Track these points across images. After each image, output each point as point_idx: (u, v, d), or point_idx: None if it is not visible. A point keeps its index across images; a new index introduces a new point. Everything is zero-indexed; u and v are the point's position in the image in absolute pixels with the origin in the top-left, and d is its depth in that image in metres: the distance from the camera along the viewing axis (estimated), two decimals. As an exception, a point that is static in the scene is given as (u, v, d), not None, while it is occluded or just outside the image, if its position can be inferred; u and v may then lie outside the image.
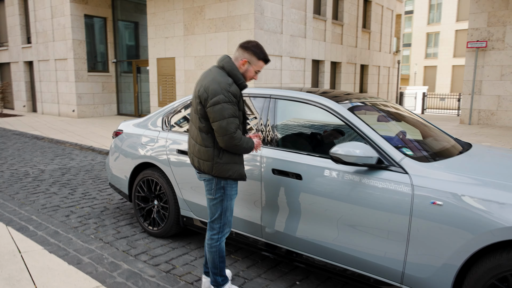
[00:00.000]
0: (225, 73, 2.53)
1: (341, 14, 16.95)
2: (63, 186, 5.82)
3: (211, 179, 2.61)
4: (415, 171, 2.45)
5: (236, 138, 2.46)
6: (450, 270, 2.26)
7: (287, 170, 2.89)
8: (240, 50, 2.58)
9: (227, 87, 2.44)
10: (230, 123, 2.43)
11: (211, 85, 2.46)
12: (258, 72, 2.62)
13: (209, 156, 2.55)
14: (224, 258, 2.74)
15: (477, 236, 2.14)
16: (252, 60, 2.57)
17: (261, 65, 2.60)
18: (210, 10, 12.52)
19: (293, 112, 3.16)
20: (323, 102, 2.97)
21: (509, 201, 2.12)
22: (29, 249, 3.51)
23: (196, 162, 2.65)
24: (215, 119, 2.45)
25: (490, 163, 2.79)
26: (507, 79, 12.70)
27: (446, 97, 22.41)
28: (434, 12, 36.31)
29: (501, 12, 12.60)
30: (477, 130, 11.78)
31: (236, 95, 2.49)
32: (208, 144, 2.56)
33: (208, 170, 2.58)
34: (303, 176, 2.82)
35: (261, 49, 2.58)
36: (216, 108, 2.43)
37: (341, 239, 2.68)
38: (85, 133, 11.41)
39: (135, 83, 16.15)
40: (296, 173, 2.85)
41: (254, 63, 2.58)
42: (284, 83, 13.42)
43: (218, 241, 2.68)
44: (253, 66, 2.59)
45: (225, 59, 2.57)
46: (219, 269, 2.71)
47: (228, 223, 2.71)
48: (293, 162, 2.89)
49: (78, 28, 15.23)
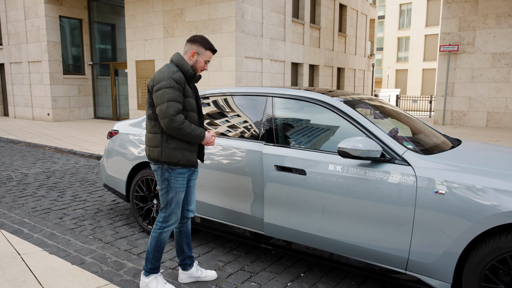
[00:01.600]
0: (174, 65, 2.71)
1: (318, 18, 17.30)
2: (51, 189, 5.70)
3: (157, 169, 2.74)
4: (417, 163, 2.60)
5: (175, 121, 2.57)
6: (452, 255, 2.41)
7: (291, 166, 2.98)
8: (188, 44, 2.77)
9: (170, 74, 2.62)
10: (169, 106, 2.56)
11: (157, 75, 2.66)
12: (207, 62, 2.79)
13: (157, 142, 2.68)
14: (162, 249, 2.81)
15: (478, 221, 2.31)
16: (200, 51, 2.74)
17: (209, 54, 2.77)
18: (191, 12, 12.53)
19: (294, 109, 3.26)
20: (326, 100, 3.09)
21: (505, 188, 2.29)
22: (28, 251, 3.46)
23: (147, 150, 2.78)
24: (157, 103, 2.61)
25: (484, 155, 2.98)
26: (477, 81, 13.32)
27: (418, 99, 23.19)
28: (404, 17, 37.50)
29: (471, 18, 13.21)
30: (451, 130, 12.28)
31: (180, 81, 2.63)
32: (156, 131, 2.69)
33: (157, 156, 2.69)
34: (307, 171, 2.92)
35: (207, 40, 2.77)
36: (158, 93, 2.61)
37: (347, 231, 2.79)
38: (63, 136, 11.16)
39: (112, 86, 15.90)
40: (300, 168, 2.94)
41: (202, 53, 2.75)
42: (264, 85, 13.55)
43: (159, 229, 2.78)
44: (202, 57, 2.76)
45: (175, 54, 2.76)
46: (151, 255, 2.79)
47: (174, 215, 2.79)
48: (297, 158, 2.99)
49: (53, 29, 14.88)
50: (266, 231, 3.18)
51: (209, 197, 3.50)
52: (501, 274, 2.33)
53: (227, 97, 3.64)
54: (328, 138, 3.12)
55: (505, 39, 12.72)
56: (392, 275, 2.67)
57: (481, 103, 13.35)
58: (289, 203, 3.02)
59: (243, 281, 3.04)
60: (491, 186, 2.33)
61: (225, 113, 3.59)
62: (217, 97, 3.69)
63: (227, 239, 3.87)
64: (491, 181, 2.36)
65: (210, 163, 3.47)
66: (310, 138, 3.21)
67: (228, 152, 3.38)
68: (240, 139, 3.39)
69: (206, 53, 2.77)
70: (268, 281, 3.05)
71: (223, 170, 3.38)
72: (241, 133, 3.42)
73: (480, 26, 13.07)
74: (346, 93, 3.53)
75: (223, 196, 3.41)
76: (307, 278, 3.12)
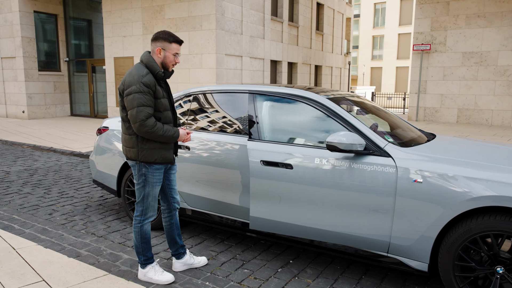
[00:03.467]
0: (143, 66, 2.76)
1: (296, 17, 17.57)
2: (36, 186, 5.70)
3: (134, 165, 2.85)
4: (397, 155, 2.84)
5: (146, 126, 2.65)
6: (429, 238, 2.66)
7: (278, 161, 3.11)
8: (153, 43, 2.80)
9: (140, 78, 2.66)
10: (139, 111, 2.63)
11: (127, 78, 2.71)
12: (176, 55, 2.80)
13: (133, 143, 2.79)
14: (148, 240, 2.93)
15: (451, 207, 2.56)
16: (165, 46, 2.76)
17: (175, 47, 2.78)
18: (170, 9, 12.53)
19: (279, 106, 3.43)
20: (312, 97, 3.29)
21: (475, 176, 2.55)
22: (23, 245, 3.52)
23: (124, 150, 2.90)
24: (128, 108, 2.70)
25: (456, 147, 3.26)
26: (448, 79, 13.90)
27: (393, 96, 23.89)
28: (379, 16, 38.37)
29: (442, 18, 13.77)
30: (423, 126, 12.80)
31: (149, 85, 2.68)
32: (131, 132, 2.80)
33: (134, 156, 2.81)
34: (294, 165, 3.07)
35: (170, 33, 2.78)
36: (128, 98, 2.68)
37: (335, 221, 2.99)
38: (41, 134, 10.99)
39: (90, 82, 15.69)
40: (286, 163, 3.09)
41: (167, 47, 2.77)
42: (244, 82, 13.71)
43: (140, 223, 2.91)
44: (168, 51, 2.77)
45: (144, 53, 2.82)
46: (141, 248, 2.93)
47: (151, 208, 2.92)
48: (284, 153, 3.12)
49: (27, 25, 14.54)
50: (252, 225, 3.30)
51: (197, 190, 3.65)
52: (472, 254, 2.60)
53: (207, 95, 3.79)
54: (312, 133, 3.28)
55: (474, 39, 13.32)
56: (376, 259, 2.90)
57: (452, 100, 13.94)
58: (276, 196, 3.15)
59: (236, 268, 3.22)
60: (462, 175, 2.59)
61: (208, 110, 3.75)
62: (200, 95, 3.83)
63: (217, 230, 4.03)
64: (463, 170, 2.62)
65: (192, 157, 3.61)
66: (294, 134, 3.36)
67: (208, 146, 3.57)
68: (225, 134, 3.55)
69: (171, 47, 2.78)
70: (260, 268, 3.23)
71: (209, 164, 3.54)
72: (226, 128, 3.58)
73: (451, 26, 13.64)
74: (327, 90, 3.74)
75: (212, 188, 3.56)
76: (295, 264, 3.32)
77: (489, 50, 13.13)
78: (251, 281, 3.02)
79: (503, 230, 2.42)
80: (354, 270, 3.23)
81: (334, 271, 3.20)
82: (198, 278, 3.02)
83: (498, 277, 2.49)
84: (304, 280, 3.05)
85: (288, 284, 2.97)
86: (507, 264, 2.48)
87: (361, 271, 3.20)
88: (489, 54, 13.14)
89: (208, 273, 3.12)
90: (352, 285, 2.98)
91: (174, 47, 2.79)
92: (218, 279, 3.03)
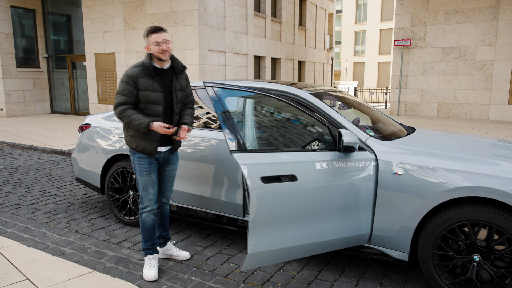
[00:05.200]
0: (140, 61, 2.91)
1: (279, 12, 17.58)
2: (17, 185, 5.60)
3: (130, 153, 3.02)
4: (378, 148, 2.90)
5: (116, 111, 2.83)
6: (409, 229, 2.74)
7: (280, 174, 2.56)
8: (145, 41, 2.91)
9: (128, 70, 2.84)
10: (116, 98, 2.85)
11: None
12: (158, 44, 2.80)
13: (123, 129, 3.01)
14: (146, 230, 3.01)
15: (430, 198, 2.64)
16: (147, 40, 2.85)
17: (154, 37, 2.81)
18: (152, 5, 12.39)
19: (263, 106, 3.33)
20: (297, 93, 3.32)
21: (452, 168, 2.64)
22: (5, 245, 3.47)
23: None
24: None
25: (435, 140, 3.35)
26: (428, 74, 14.16)
27: (375, 91, 24.20)
28: (360, 12, 38.69)
29: (422, 14, 13.99)
30: (405, 120, 13.03)
31: (131, 76, 2.81)
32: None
33: (125, 142, 3.10)
34: (298, 175, 2.61)
35: (149, 27, 2.86)
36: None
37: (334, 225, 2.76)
38: (21, 132, 10.76)
39: (70, 79, 15.40)
40: (290, 174, 2.59)
41: (148, 41, 2.84)
42: (228, 78, 13.69)
43: (139, 212, 3.04)
44: (151, 44, 2.82)
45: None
46: (142, 236, 3.05)
47: (145, 198, 2.99)
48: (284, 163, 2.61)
49: (4, 20, 14.16)
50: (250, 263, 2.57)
51: (180, 185, 3.66)
52: (450, 243, 2.69)
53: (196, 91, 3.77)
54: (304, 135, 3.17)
55: (453, 34, 13.60)
56: (358, 250, 2.97)
57: (432, 95, 14.22)
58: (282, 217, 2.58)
59: (222, 262, 3.25)
60: (440, 166, 2.67)
61: None
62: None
63: (203, 226, 4.05)
64: (441, 162, 2.70)
65: None
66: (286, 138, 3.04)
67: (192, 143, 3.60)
68: (209, 129, 3.56)
69: (150, 38, 2.82)
70: (245, 261, 3.27)
71: (194, 160, 3.55)
72: (210, 124, 3.59)
73: (430, 22, 13.88)
74: (310, 85, 3.78)
75: (197, 184, 3.58)
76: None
77: (467, 45, 13.42)
78: (236, 274, 3.05)
79: (479, 220, 2.51)
80: (338, 261, 3.30)
81: (319, 263, 3.26)
82: (184, 273, 3.04)
83: (475, 265, 2.58)
84: (289, 272, 3.10)
85: (273, 277, 3.02)
86: (483, 252, 2.57)
87: (344, 263, 3.27)
88: (467, 49, 13.44)
89: (194, 268, 3.15)
90: (336, 276, 3.05)
91: (153, 37, 2.82)
92: (204, 273, 3.05)
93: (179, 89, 3.00)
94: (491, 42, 13.03)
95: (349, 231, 2.83)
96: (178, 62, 3.01)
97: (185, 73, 3.08)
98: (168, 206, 3.27)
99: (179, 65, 3.00)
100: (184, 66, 3.03)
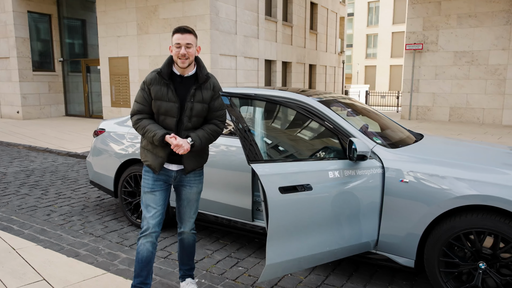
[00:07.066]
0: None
1: (290, 16, 17.67)
2: (33, 187, 5.77)
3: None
4: (385, 156, 2.95)
5: (132, 121, 2.59)
6: (415, 235, 2.78)
7: (297, 184, 2.56)
8: None
9: (147, 75, 2.58)
10: (133, 106, 2.60)
11: None
12: (179, 46, 2.46)
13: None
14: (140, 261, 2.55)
15: (436, 205, 2.68)
16: (172, 41, 2.52)
17: (176, 37, 2.48)
18: (165, 10, 12.58)
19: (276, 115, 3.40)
20: (303, 100, 3.38)
21: (458, 176, 2.67)
22: (23, 246, 3.60)
23: None
24: None
25: (443, 148, 3.38)
26: (440, 78, 14.08)
27: (386, 94, 24.07)
28: (372, 15, 38.56)
29: (434, 18, 13.93)
30: (416, 124, 12.96)
31: (146, 82, 2.55)
32: None
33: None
34: (313, 184, 2.61)
35: (175, 27, 2.53)
36: None
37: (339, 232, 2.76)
38: (36, 135, 11.02)
39: (84, 82, 15.69)
40: (305, 184, 2.59)
41: (172, 40, 2.51)
42: (239, 82, 13.81)
43: (138, 237, 2.62)
44: (173, 45, 2.50)
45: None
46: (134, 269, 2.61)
47: (144, 219, 2.56)
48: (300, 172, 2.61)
49: (21, 25, 14.52)
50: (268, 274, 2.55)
51: None
52: (456, 250, 2.72)
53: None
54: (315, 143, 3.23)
55: (466, 38, 13.50)
56: (365, 256, 3.01)
57: (444, 99, 14.12)
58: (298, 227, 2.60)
59: (231, 266, 3.32)
60: (447, 175, 2.71)
61: None
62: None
63: (213, 230, 4.13)
64: (447, 170, 2.74)
65: None
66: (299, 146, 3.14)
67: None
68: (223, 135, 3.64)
69: (174, 37, 2.49)
70: (254, 265, 3.34)
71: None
72: None
73: (443, 26, 13.80)
74: (319, 93, 3.84)
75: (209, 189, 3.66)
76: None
77: (480, 50, 13.31)
78: (245, 278, 3.12)
79: (485, 228, 2.54)
80: (345, 267, 3.34)
81: (325, 268, 3.31)
82: (194, 277, 3.12)
83: (481, 272, 2.61)
84: (297, 277, 3.16)
85: (281, 281, 3.08)
86: (489, 259, 2.60)
87: (351, 268, 3.32)
88: (480, 54, 13.33)
89: (204, 271, 3.23)
90: (343, 281, 3.10)
91: (175, 38, 2.48)
92: (214, 276, 3.13)
93: (199, 101, 2.54)
94: (505, 46, 12.90)
95: (357, 238, 2.86)
96: (203, 70, 2.59)
97: (213, 83, 2.62)
98: (190, 236, 2.78)
99: (203, 73, 2.58)
100: (207, 75, 2.60)
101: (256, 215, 3.56)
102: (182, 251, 2.82)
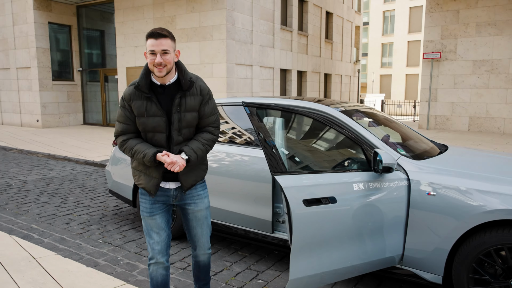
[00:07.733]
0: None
1: (305, 26, 17.69)
2: (52, 195, 5.82)
3: None
4: (410, 168, 2.87)
5: (118, 144, 2.32)
6: (443, 250, 2.68)
7: (321, 196, 2.51)
8: None
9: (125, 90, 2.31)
10: (116, 126, 2.34)
11: None
12: (153, 53, 2.15)
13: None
14: (154, 285, 2.42)
15: (465, 220, 2.58)
16: (146, 46, 2.20)
17: (149, 43, 2.16)
18: (181, 20, 12.73)
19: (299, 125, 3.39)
20: (326, 110, 3.33)
21: (489, 189, 2.57)
22: (43, 254, 3.61)
23: None
24: None
25: (469, 159, 3.28)
26: (459, 87, 13.85)
27: (403, 104, 23.79)
28: (388, 24, 38.37)
29: (452, 26, 13.75)
30: (434, 134, 12.74)
31: (125, 98, 2.27)
32: None
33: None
34: (337, 197, 2.55)
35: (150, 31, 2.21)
36: None
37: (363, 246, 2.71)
38: (55, 143, 11.19)
39: (102, 92, 15.94)
40: (330, 197, 2.53)
41: (146, 46, 2.19)
42: (254, 91, 13.83)
43: (148, 263, 2.45)
44: (147, 51, 2.19)
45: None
46: None
47: (149, 246, 2.38)
48: (324, 185, 2.56)
49: (42, 36, 14.88)
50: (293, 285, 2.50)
51: (213, 201, 3.72)
52: (486, 266, 2.61)
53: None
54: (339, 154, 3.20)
55: (485, 47, 13.27)
56: (389, 270, 2.92)
57: (463, 108, 13.87)
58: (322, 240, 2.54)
59: (251, 279, 3.26)
60: (476, 188, 2.61)
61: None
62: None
63: (231, 241, 4.09)
64: (476, 183, 2.65)
65: None
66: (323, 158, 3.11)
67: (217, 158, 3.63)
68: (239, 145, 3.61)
69: (147, 45, 2.18)
70: (274, 278, 3.27)
71: (221, 175, 3.60)
72: (238, 139, 3.64)
73: (461, 34, 13.61)
74: (337, 102, 3.77)
75: (226, 200, 3.62)
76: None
77: (500, 58, 13.06)
78: (265, 291, 3.06)
79: (517, 244, 2.44)
80: (368, 282, 3.25)
81: (348, 283, 3.22)
82: (213, 289, 3.07)
83: (513, 290, 2.50)
84: (318, 291, 3.08)
85: (302, 295, 3.00)
86: (522, 277, 2.49)
87: (374, 283, 3.22)
88: (500, 62, 13.07)
89: (223, 283, 3.17)
90: (366, 296, 3.00)
91: (148, 44, 2.16)
92: (233, 289, 3.07)
93: (187, 110, 2.28)
94: (526, 54, 12.63)
95: (382, 253, 2.78)
96: (185, 74, 2.29)
97: (199, 86, 2.33)
98: (206, 257, 2.58)
99: (186, 78, 2.27)
100: (191, 79, 2.29)
101: (276, 226, 3.50)
102: (197, 270, 2.64)
